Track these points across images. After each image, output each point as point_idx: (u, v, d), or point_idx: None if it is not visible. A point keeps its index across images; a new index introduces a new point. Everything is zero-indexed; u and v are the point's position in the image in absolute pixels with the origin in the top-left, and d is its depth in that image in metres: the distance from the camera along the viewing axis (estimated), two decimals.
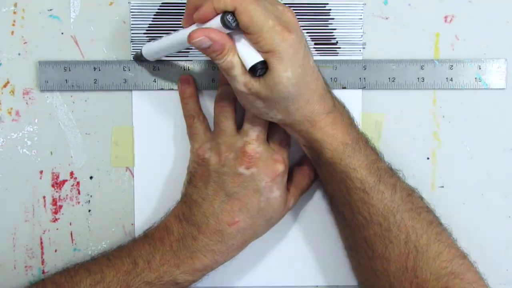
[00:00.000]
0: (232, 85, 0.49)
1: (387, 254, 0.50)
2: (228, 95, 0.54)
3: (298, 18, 0.56)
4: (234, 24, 0.46)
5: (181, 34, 0.50)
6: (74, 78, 0.56)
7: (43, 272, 0.58)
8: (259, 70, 0.47)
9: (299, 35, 0.48)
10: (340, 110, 0.52)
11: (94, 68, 0.56)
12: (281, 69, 0.47)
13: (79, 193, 0.58)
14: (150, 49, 0.54)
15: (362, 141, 0.52)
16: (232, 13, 0.46)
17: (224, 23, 0.46)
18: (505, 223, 0.59)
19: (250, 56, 0.47)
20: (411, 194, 0.52)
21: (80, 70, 0.56)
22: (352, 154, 0.50)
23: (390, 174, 0.52)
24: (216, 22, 0.46)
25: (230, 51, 0.47)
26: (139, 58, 0.56)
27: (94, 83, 0.57)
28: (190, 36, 0.47)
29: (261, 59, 0.47)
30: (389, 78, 0.57)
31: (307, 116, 0.50)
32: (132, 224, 0.58)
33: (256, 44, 0.47)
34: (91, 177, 0.58)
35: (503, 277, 0.59)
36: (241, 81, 0.48)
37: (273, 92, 0.48)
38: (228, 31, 0.47)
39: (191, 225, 0.52)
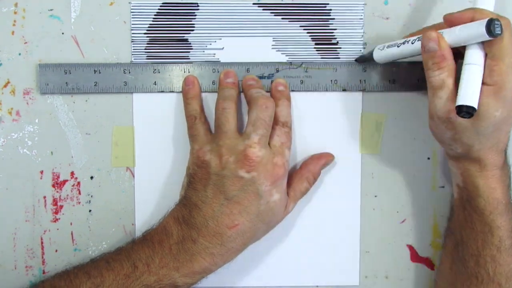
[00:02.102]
0: (431, 106, 0.49)
1: None
2: (230, 97, 0.54)
3: (299, 18, 0.57)
4: (497, 32, 0.45)
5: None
6: (75, 80, 0.56)
7: (44, 272, 0.58)
8: (464, 113, 0.46)
9: None
10: (506, 171, 0.52)
11: (94, 70, 0.56)
12: (495, 107, 0.47)
13: (79, 193, 0.58)
14: (385, 53, 0.54)
15: (510, 205, 0.52)
16: (498, 20, 0.45)
17: (489, 28, 0.44)
18: None
19: (469, 93, 0.46)
20: None
21: (81, 73, 0.56)
22: (502, 213, 0.51)
23: None
24: (479, 25, 0.45)
25: (448, 69, 0.48)
26: (364, 60, 0.56)
27: (95, 85, 0.57)
28: (425, 34, 0.48)
29: (475, 105, 0.46)
30: (389, 80, 0.57)
31: (483, 160, 0.50)
32: (132, 224, 0.58)
33: (490, 70, 0.46)
34: (91, 177, 0.58)
35: None
36: (445, 106, 0.48)
37: (473, 126, 0.48)
38: (486, 38, 0.45)
39: (190, 228, 0.52)
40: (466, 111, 0.46)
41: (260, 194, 0.52)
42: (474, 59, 0.47)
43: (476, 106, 0.46)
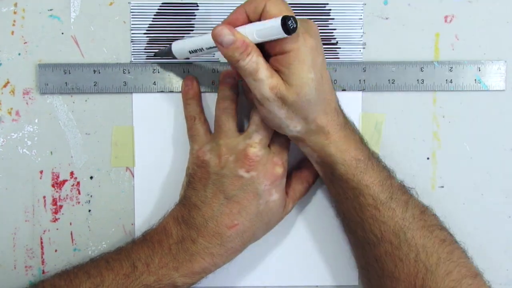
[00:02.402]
0: (257, 92, 0.49)
1: (397, 273, 0.50)
2: (230, 97, 0.54)
3: (299, 18, 0.57)
4: (293, 27, 0.46)
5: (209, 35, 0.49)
6: (74, 80, 0.56)
7: (43, 272, 0.58)
8: (291, 21, 0.46)
9: (319, 44, 0.49)
10: (351, 127, 0.52)
11: (94, 70, 0.56)
12: (305, 69, 0.47)
13: (79, 193, 0.58)
14: (180, 47, 0.54)
15: (374, 157, 0.52)
16: (292, 18, 0.46)
17: (285, 26, 0.45)
18: (505, 223, 0.59)
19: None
20: (424, 211, 0.52)
21: (80, 73, 0.56)
22: (365, 170, 0.50)
23: (403, 191, 0.52)
24: (274, 25, 0.46)
25: (254, 50, 0.48)
26: (164, 55, 0.56)
27: (94, 85, 0.57)
28: (214, 30, 0.47)
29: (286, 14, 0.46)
30: (388, 80, 0.57)
31: (323, 126, 0.50)
32: (132, 224, 0.58)
33: (280, 40, 0.47)
34: (91, 177, 0.58)
35: (503, 277, 0.59)
36: (268, 84, 0.48)
37: (299, 95, 0.48)
38: (283, 35, 0.46)
39: (190, 228, 0.52)
40: (291, 21, 0.46)
41: (260, 193, 0.52)
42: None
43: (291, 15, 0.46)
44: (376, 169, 0.51)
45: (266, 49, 0.49)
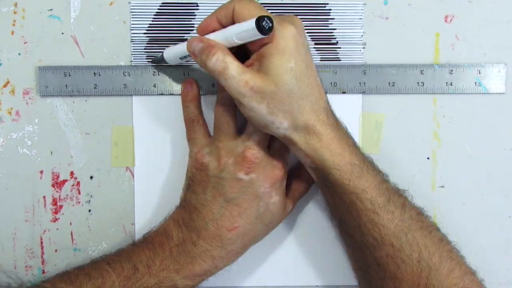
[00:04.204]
0: (232, 91, 0.48)
1: (399, 274, 0.50)
2: (230, 99, 0.54)
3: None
4: (268, 27, 0.46)
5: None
6: (74, 83, 0.56)
7: (43, 272, 0.58)
8: (265, 22, 0.46)
9: (301, 33, 0.48)
10: (344, 130, 0.51)
11: (94, 73, 0.56)
12: (283, 59, 0.47)
13: (79, 193, 0.58)
14: (170, 53, 0.54)
15: (368, 161, 0.51)
16: (267, 18, 0.46)
17: (259, 27, 0.45)
18: (505, 223, 0.59)
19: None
20: (420, 213, 0.52)
21: (80, 75, 0.56)
22: (360, 175, 0.49)
23: (398, 194, 0.51)
24: (249, 27, 0.46)
25: (221, 49, 0.48)
26: (159, 62, 0.56)
27: (94, 88, 0.57)
28: (188, 41, 0.49)
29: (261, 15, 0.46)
30: (389, 83, 0.57)
31: (313, 125, 0.49)
32: (132, 224, 0.58)
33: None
34: (91, 177, 0.58)
35: (503, 277, 0.59)
36: (241, 80, 0.47)
37: (277, 85, 0.47)
38: (260, 36, 0.46)
39: (190, 230, 0.52)
40: (266, 21, 0.46)
41: (259, 196, 0.52)
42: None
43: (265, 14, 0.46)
44: (371, 173, 0.50)
45: (248, 49, 0.49)
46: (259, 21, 0.45)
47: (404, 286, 0.50)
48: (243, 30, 0.47)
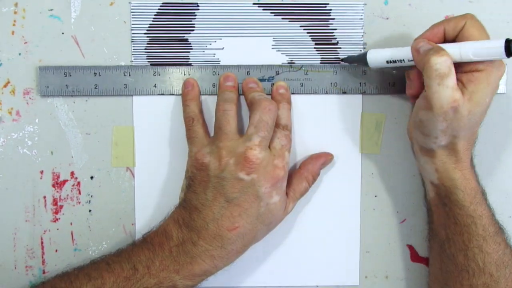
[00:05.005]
0: (436, 98, 0.48)
1: None
2: (230, 99, 0.54)
3: (299, 18, 0.57)
4: None
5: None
6: (75, 83, 0.56)
7: (44, 272, 0.58)
8: None
9: (502, 76, 0.51)
10: (473, 162, 0.53)
11: (94, 73, 0.56)
12: (488, 92, 0.49)
13: (79, 193, 0.58)
14: (376, 55, 0.54)
15: (484, 193, 0.53)
16: None
17: (508, 48, 0.47)
18: (505, 223, 0.59)
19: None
20: None
21: (81, 75, 0.56)
22: (480, 202, 0.52)
23: (503, 230, 0.53)
24: (496, 46, 0.47)
25: (450, 57, 0.48)
26: (353, 61, 0.56)
27: (95, 88, 0.57)
28: (415, 41, 0.51)
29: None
30: (389, 83, 0.57)
31: (460, 151, 0.51)
32: (132, 224, 0.58)
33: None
34: (91, 177, 0.58)
35: None
36: (454, 95, 0.48)
37: (470, 113, 0.49)
38: (503, 57, 0.48)
39: (190, 230, 0.52)
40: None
41: (260, 196, 0.52)
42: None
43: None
44: (486, 204, 0.53)
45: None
46: (509, 43, 0.47)
47: None
48: (487, 47, 0.48)
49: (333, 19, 0.57)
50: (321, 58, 0.58)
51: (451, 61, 0.48)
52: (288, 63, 0.58)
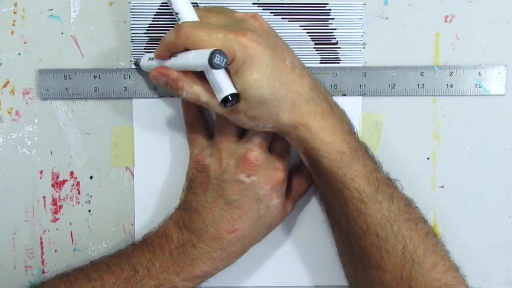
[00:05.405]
0: (217, 112, 0.50)
1: (383, 264, 0.50)
2: None
3: (298, 18, 0.57)
4: (224, 63, 0.45)
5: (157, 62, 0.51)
6: (75, 86, 0.56)
7: (43, 272, 0.58)
8: (230, 102, 0.47)
9: (262, 35, 0.48)
10: (339, 116, 0.51)
11: (94, 76, 0.56)
12: (245, 73, 0.47)
13: (79, 193, 0.58)
14: (144, 63, 0.54)
15: (361, 150, 0.51)
16: (219, 52, 0.45)
17: (212, 64, 0.45)
18: (505, 223, 0.59)
19: (219, 89, 0.48)
20: (409, 204, 0.51)
21: (81, 78, 0.56)
22: (350, 164, 0.49)
23: (388, 184, 0.51)
24: (201, 62, 0.46)
25: (186, 84, 0.49)
26: (139, 65, 0.56)
27: (95, 91, 0.56)
28: (150, 74, 0.50)
29: (229, 92, 0.47)
30: (389, 85, 0.57)
31: (298, 119, 0.49)
32: (132, 224, 0.58)
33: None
34: (91, 177, 0.58)
35: (503, 277, 0.59)
36: (214, 103, 0.49)
37: (247, 98, 0.47)
38: (217, 71, 0.47)
39: (190, 232, 0.52)
40: (230, 100, 0.47)
41: (260, 198, 0.52)
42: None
43: (235, 91, 0.47)
44: (362, 162, 0.50)
45: None
46: (213, 54, 0.45)
47: (387, 276, 0.50)
48: (194, 62, 0.47)
49: (333, 19, 0.57)
50: (321, 58, 0.58)
51: (188, 84, 0.49)
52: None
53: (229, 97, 0.47)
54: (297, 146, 0.51)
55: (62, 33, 0.57)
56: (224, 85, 0.47)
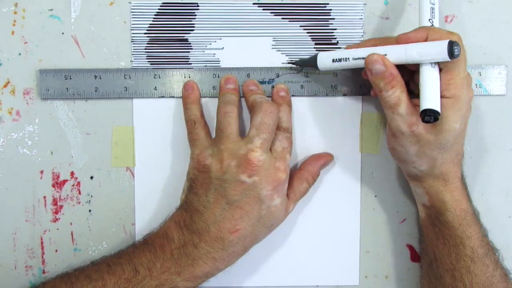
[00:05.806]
0: (394, 125, 0.50)
1: None
2: (232, 102, 0.54)
3: (299, 18, 0.57)
4: (457, 54, 0.47)
5: (363, 52, 0.51)
6: (75, 86, 0.56)
7: (44, 272, 0.58)
8: (428, 117, 0.47)
9: (472, 97, 0.51)
10: (464, 182, 0.54)
11: (95, 76, 0.56)
12: (454, 119, 0.49)
13: (79, 193, 0.58)
14: (326, 59, 0.54)
15: (476, 213, 0.53)
16: (456, 43, 0.47)
17: (451, 51, 0.46)
18: (505, 223, 0.59)
19: (431, 98, 0.48)
20: (507, 274, 0.53)
21: (81, 78, 0.56)
22: (470, 223, 0.52)
23: (493, 251, 0.53)
24: (440, 47, 0.47)
25: (400, 85, 0.49)
26: (304, 64, 0.56)
27: (95, 91, 0.56)
28: (368, 57, 0.49)
29: (438, 108, 0.47)
30: None
31: (446, 174, 0.52)
32: (132, 224, 0.58)
33: (446, 84, 0.48)
34: (91, 177, 0.58)
35: None
36: (408, 120, 0.49)
37: (436, 138, 0.49)
38: (447, 59, 0.47)
39: (192, 232, 0.52)
40: (430, 115, 0.47)
41: (262, 199, 0.52)
42: (431, 72, 0.48)
43: (439, 110, 0.47)
44: (477, 225, 0.53)
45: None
46: (451, 45, 0.46)
47: None
48: (430, 47, 0.48)
49: (333, 19, 0.57)
50: None
51: (400, 89, 0.49)
52: (288, 62, 0.58)
53: (431, 112, 0.47)
54: (423, 195, 0.53)
55: (63, 33, 0.57)
56: (434, 97, 0.48)
